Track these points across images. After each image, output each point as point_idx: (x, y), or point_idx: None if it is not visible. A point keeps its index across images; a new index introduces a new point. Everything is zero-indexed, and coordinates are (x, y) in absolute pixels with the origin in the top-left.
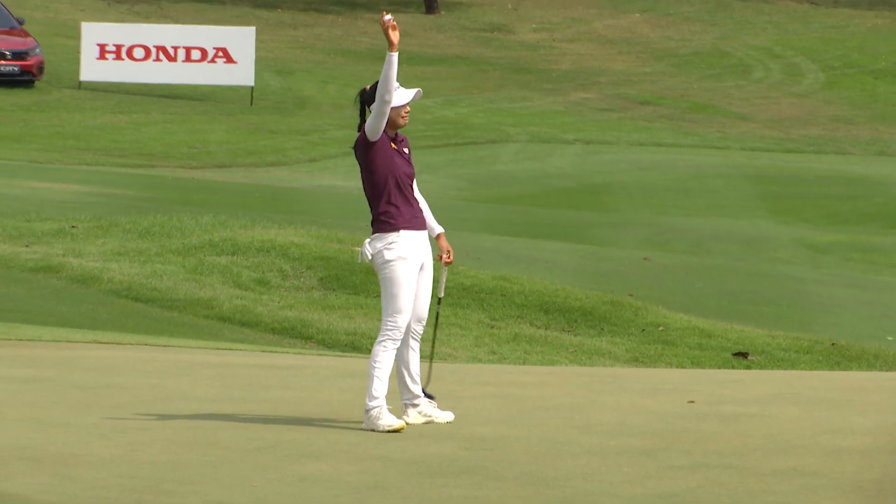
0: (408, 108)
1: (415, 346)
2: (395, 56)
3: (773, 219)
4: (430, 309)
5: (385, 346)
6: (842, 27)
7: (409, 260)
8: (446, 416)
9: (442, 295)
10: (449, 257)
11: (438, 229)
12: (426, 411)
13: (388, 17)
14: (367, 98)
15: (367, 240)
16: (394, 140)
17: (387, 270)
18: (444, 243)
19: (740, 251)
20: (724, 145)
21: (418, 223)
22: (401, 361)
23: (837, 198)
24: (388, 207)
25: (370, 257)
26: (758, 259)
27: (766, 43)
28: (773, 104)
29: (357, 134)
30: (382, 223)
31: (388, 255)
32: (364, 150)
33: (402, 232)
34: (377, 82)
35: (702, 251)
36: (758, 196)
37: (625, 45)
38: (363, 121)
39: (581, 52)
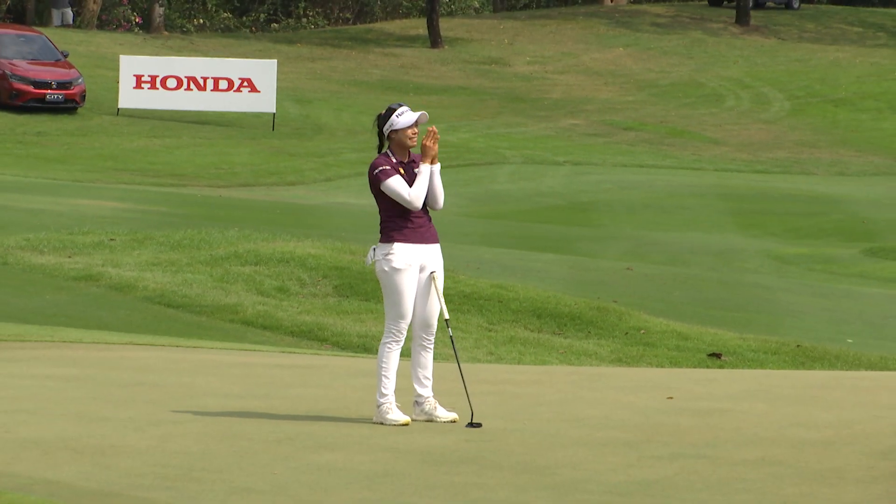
0: (415, 130)
1: (425, 353)
2: (437, 167)
3: (742, 233)
4: (444, 334)
5: (390, 348)
6: (805, 60)
7: (404, 270)
8: (449, 416)
9: (447, 316)
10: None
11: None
12: (427, 409)
13: (434, 129)
14: (382, 122)
15: (373, 246)
16: (405, 164)
17: (384, 279)
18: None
19: (713, 262)
20: (699, 167)
21: (419, 237)
22: (414, 362)
23: (801, 214)
24: (388, 223)
25: (370, 263)
26: (729, 269)
27: (737, 74)
28: (744, 130)
29: (375, 155)
30: (383, 234)
31: (384, 265)
32: (372, 180)
33: (396, 245)
34: (391, 109)
35: (678, 262)
36: (729, 212)
37: (610, 76)
38: (381, 143)
39: (570, 82)
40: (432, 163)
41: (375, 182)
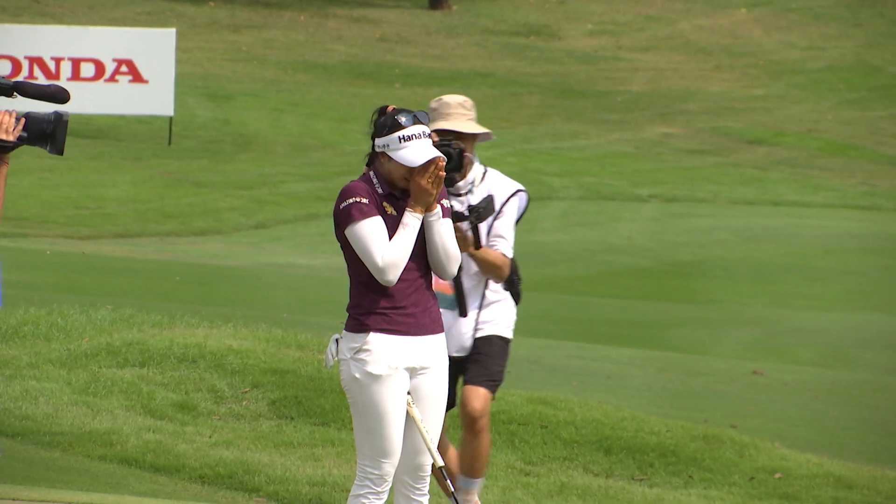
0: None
1: None
2: (440, 218)
3: None
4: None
5: (365, 503)
6: None
7: (386, 378)
8: None
9: (441, 463)
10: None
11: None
12: None
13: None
14: (378, 130)
15: (335, 336)
16: (396, 198)
17: (355, 392)
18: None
19: (894, 361)
20: (873, 204)
21: (410, 323)
22: None
23: None
24: (360, 297)
25: (331, 364)
26: None
27: None
28: None
29: (360, 169)
30: (351, 319)
31: (354, 369)
32: (337, 218)
33: (372, 336)
34: (396, 119)
35: (839, 361)
36: None
37: (725, 55)
38: (371, 159)
39: (660, 66)
40: (427, 210)
41: (341, 222)
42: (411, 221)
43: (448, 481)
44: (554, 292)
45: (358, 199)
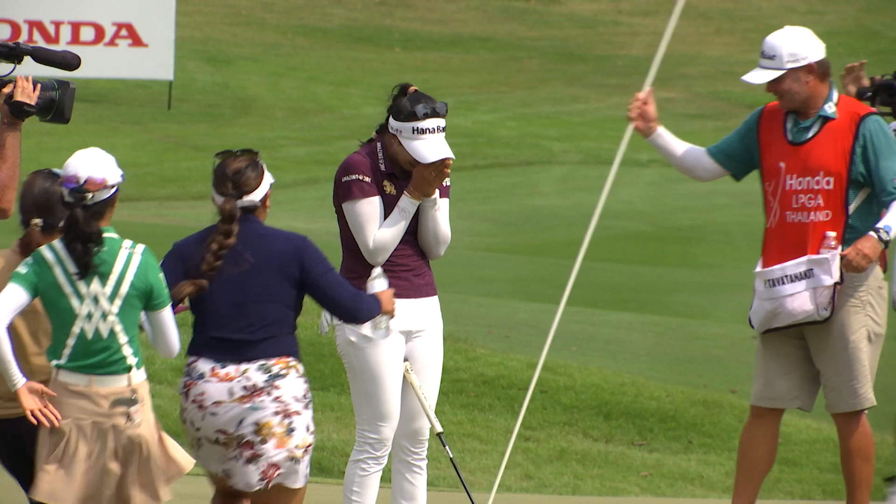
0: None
1: (413, 476)
2: (416, 205)
3: None
4: (431, 436)
5: (365, 469)
6: None
7: (381, 341)
8: None
9: (440, 429)
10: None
11: None
12: None
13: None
14: (394, 112)
15: None
16: (397, 177)
17: (351, 357)
18: None
19: None
20: None
21: (402, 286)
22: (396, 492)
23: None
24: (353, 262)
25: (326, 330)
26: None
27: None
28: None
29: (363, 143)
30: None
31: (350, 333)
32: (336, 189)
33: None
34: (413, 109)
35: None
36: None
37: (725, 19)
38: (382, 129)
39: (660, 30)
40: (424, 196)
41: (341, 195)
42: (407, 207)
43: (447, 447)
44: (553, 257)
45: (360, 177)
